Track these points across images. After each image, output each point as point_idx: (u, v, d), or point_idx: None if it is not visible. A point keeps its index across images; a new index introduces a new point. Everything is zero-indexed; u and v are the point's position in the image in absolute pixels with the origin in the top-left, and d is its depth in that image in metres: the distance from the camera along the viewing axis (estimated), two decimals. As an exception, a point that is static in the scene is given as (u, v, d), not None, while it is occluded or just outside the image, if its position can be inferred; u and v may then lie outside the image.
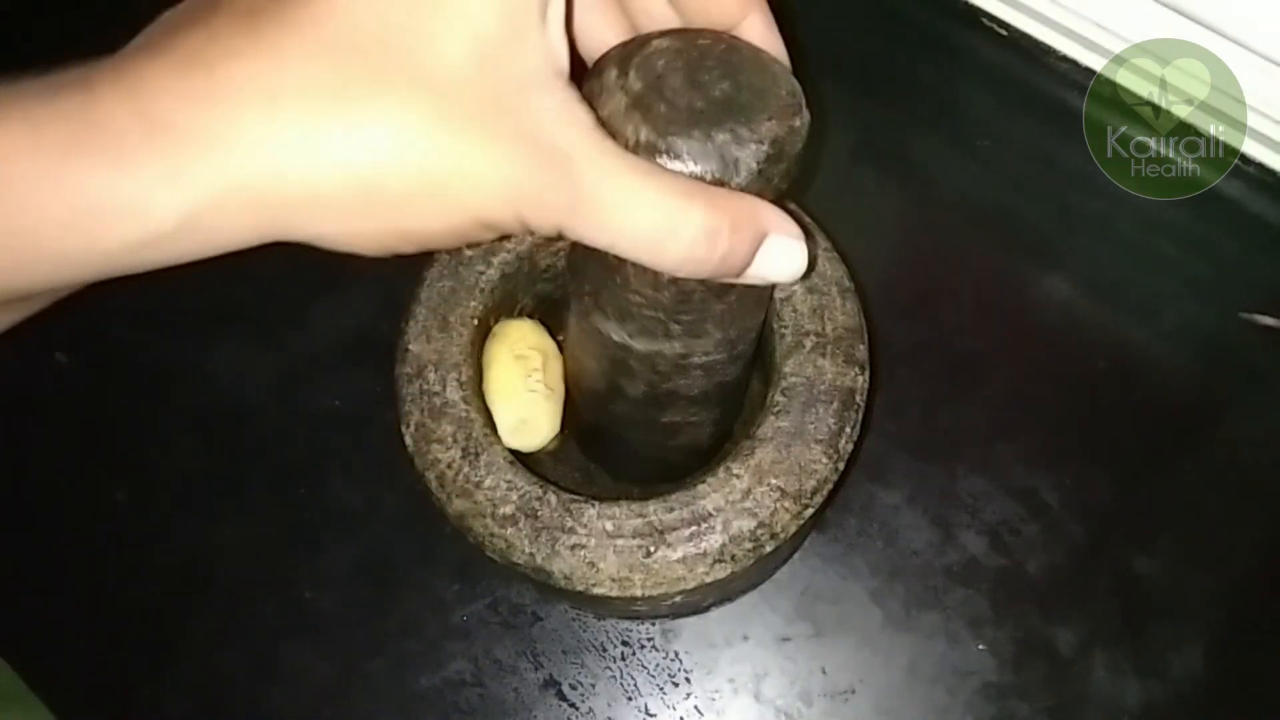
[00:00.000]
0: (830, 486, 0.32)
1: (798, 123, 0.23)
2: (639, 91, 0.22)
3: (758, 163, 0.22)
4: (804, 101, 0.23)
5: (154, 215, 0.18)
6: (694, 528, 0.31)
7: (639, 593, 0.31)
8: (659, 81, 0.22)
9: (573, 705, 0.41)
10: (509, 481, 0.32)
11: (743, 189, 0.22)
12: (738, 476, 0.31)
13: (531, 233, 0.20)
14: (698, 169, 0.21)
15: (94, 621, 0.44)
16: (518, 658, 0.42)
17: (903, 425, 0.44)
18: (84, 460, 0.46)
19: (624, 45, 0.23)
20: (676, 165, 0.21)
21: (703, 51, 0.22)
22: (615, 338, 0.28)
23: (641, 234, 0.20)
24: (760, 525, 0.31)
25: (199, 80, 0.17)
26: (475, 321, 0.35)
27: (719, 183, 0.21)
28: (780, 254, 0.22)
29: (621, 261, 0.22)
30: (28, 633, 0.43)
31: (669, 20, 0.24)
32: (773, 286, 0.29)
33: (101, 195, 0.17)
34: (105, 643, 0.43)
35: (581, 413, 0.36)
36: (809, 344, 0.33)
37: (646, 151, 0.21)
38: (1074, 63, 0.50)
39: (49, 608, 0.44)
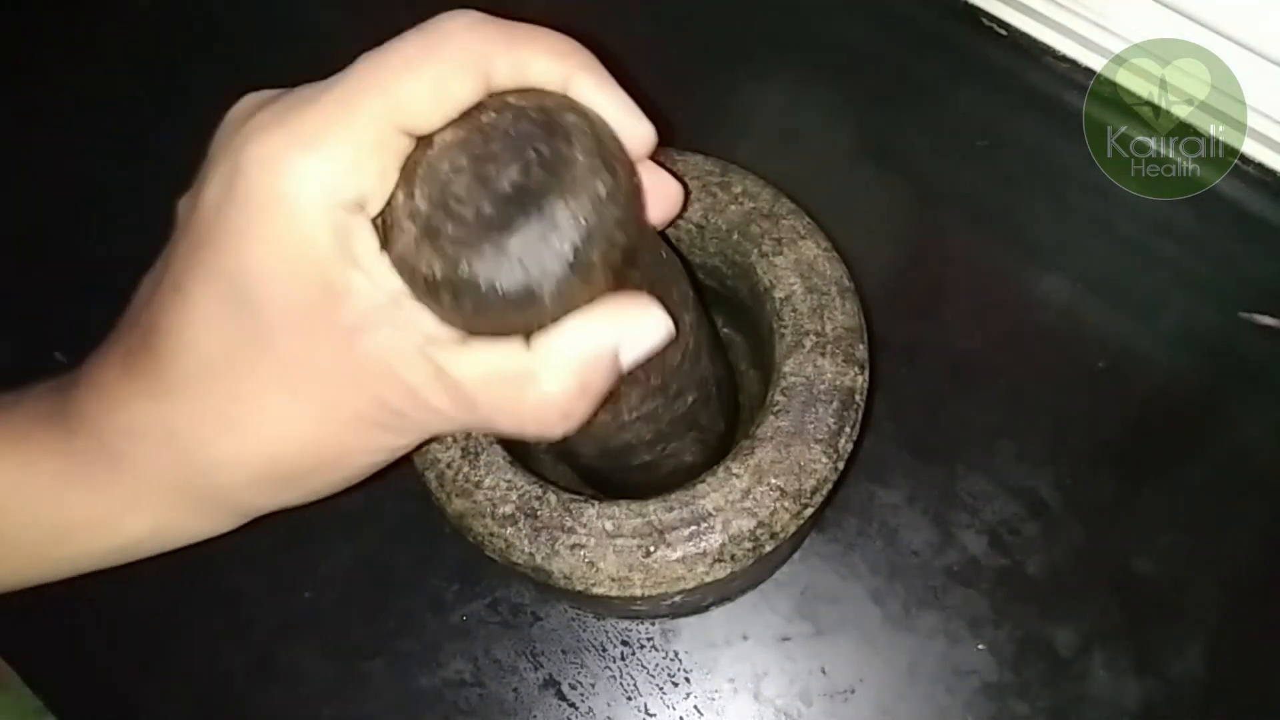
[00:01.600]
0: (830, 486, 0.32)
1: (601, 188, 0.20)
2: (426, 214, 0.20)
3: (566, 260, 0.19)
4: (611, 154, 0.20)
5: (127, 528, 0.23)
6: (693, 527, 0.31)
7: (638, 592, 0.31)
8: (445, 192, 0.20)
9: (572, 705, 0.41)
10: (508, 481, 0.32)
11: (563, 291, 0.20)
12: (737, 476, 0.31)
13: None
14: (503, 288, 0.19)
15: (94, 621, 0.44)
16: (517, 657, 0.42)
17: (903, 425, 0.44)
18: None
19: (415, 149, 0.21)
20: (479, 297, 0.19)
21: (488, 132, 0.20)
22: None
23: (505, 425, 0.21)
24: (760, 525, 0.31)
25: (127, 420, 0.22)
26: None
27: (530, 295, 0.20)
28: (638, 341, 0.22)
29: None
30: (28, 633, 0.43)
31: None
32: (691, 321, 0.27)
33: (83, 515, 0.23)
34: (105, 643, 0.43)
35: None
36: (809, 343, 0.33)
37: (447, 290, 0.20)
38: (1074, 63, 0.50)
39: (49, 608, 0.44)
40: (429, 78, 0.20)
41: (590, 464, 0.32)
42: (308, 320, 0.20)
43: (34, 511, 0.23)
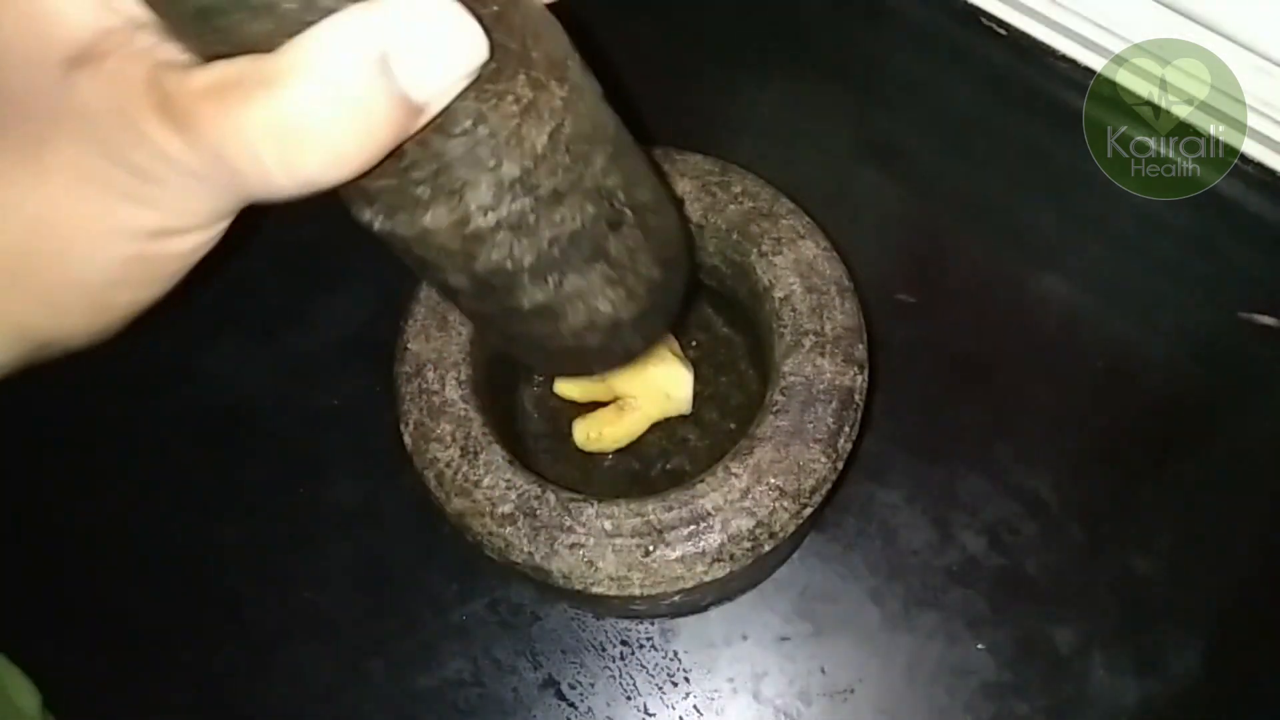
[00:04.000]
0: (829, 486, 0.32)
1: None
2: None
3: None
4: None
5: None
6: (692, 527, 0.31)
7: (637, 591, 0.31)
8: None
9: (572, 705, 0.41)
10: (508, 480, 0.32)
11: None
12: (736, 475, 0.31)
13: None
14: None
15: (94, 621, 0.44)
16: (517, 657, 0.42)
17: (902, 424, 0.44)
18: (83, 460, 0.46)
19: None
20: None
21: None
22: (377, 226, 0.21)
23: (249, 162, 0.16)
24: (759, 524, 0.31)
25: None
26: (474, 321, 0.35)
27: None
28: (420, 47, 0.16)
29: None
30: (27, 632, 0.43)
31: None
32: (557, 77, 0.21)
33: None
34: (105, 643, 0.43)
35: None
36: (808, 343, 0.33)
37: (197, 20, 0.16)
38: (1074, 63, 0.50)
39: (49, 608, 0.44)
40: None
41: (471, 305, 0.26)
42: (11, 55, 0.16)
43: None
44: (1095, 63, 0.49)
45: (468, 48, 0.16)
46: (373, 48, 0.16)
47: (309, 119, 0.16)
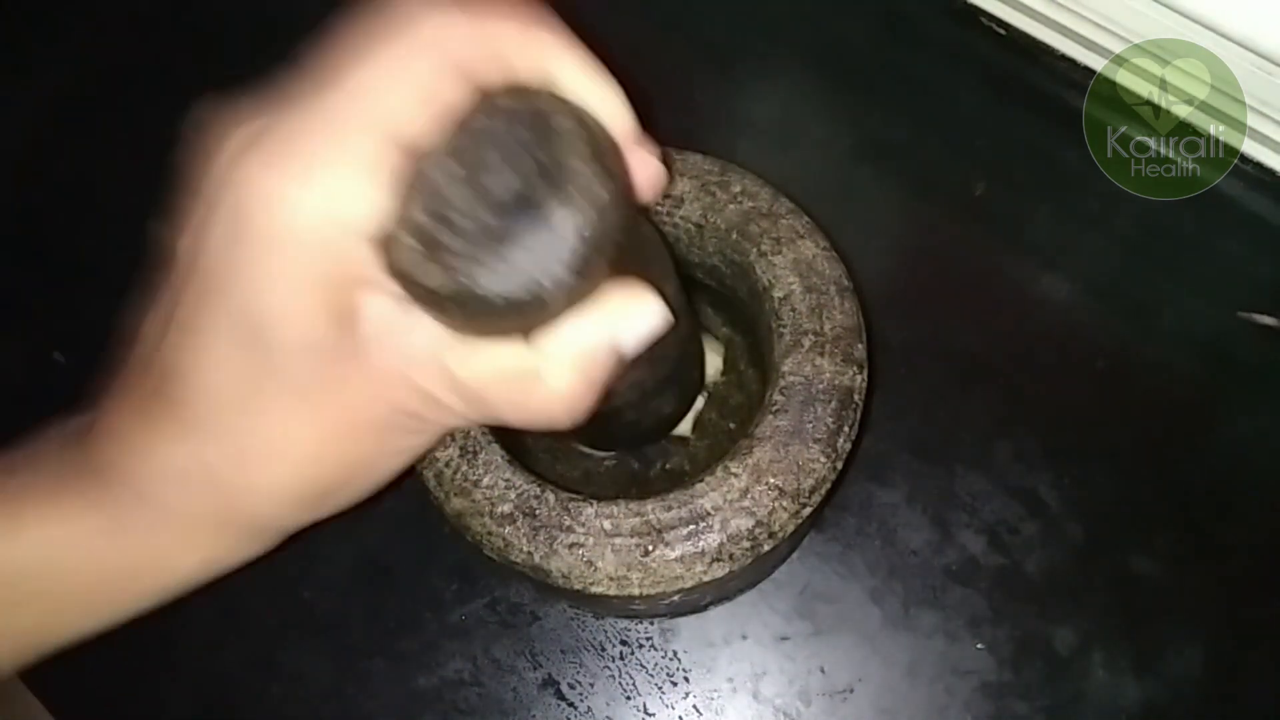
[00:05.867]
0: (828, 485, 0.32)
1: (601, 193, 0.20)
2: (424, 227, 0.20)
3: (569, 267, 0.20)
4: (607, 156, 0.21)
5: (179, 566, 0.25)
6: (692, 527, 0.31)
7: (637, 591, 0.31)
8: (441, 203, 0.20)
9: (571, 704, 0.41)
10: (507, 480, 0.32)
11: (566, 295, 0.20)
12: (736, 475, 0.31)
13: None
14: (508, 298, 0.20)
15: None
16: (516, 657, 0.42)
17: (901, 424, 0.44)
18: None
19: (406, 156, 0.20)
20: (483, 306, 0.20)
21: (480, 138, 0.20)
22: None
23: (515, 420, 0.22)
24: (758, 524, 0.31)
25: (159, 467, 0.22)
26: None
27: (534, 302, 0.20)
28: (637, 331, 0.22)
29: None
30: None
31: None
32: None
33: (135, 561, 0.24)
34: (105, 643, 0.43)
35: None
36: (807, 343, 0.33)
37: (451, 301, 0.20)
38: (1074, 62, 0.50)
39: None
40: (413, 88, 0.19)
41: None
42: (321, 348, 0.20)
43: (87, 565, 0.24)
44: (1095, 63, 0.49)
45: (660, 319, 0.22)
46: (609, 337, 0.22)
47: (563, 394, 0.22)
